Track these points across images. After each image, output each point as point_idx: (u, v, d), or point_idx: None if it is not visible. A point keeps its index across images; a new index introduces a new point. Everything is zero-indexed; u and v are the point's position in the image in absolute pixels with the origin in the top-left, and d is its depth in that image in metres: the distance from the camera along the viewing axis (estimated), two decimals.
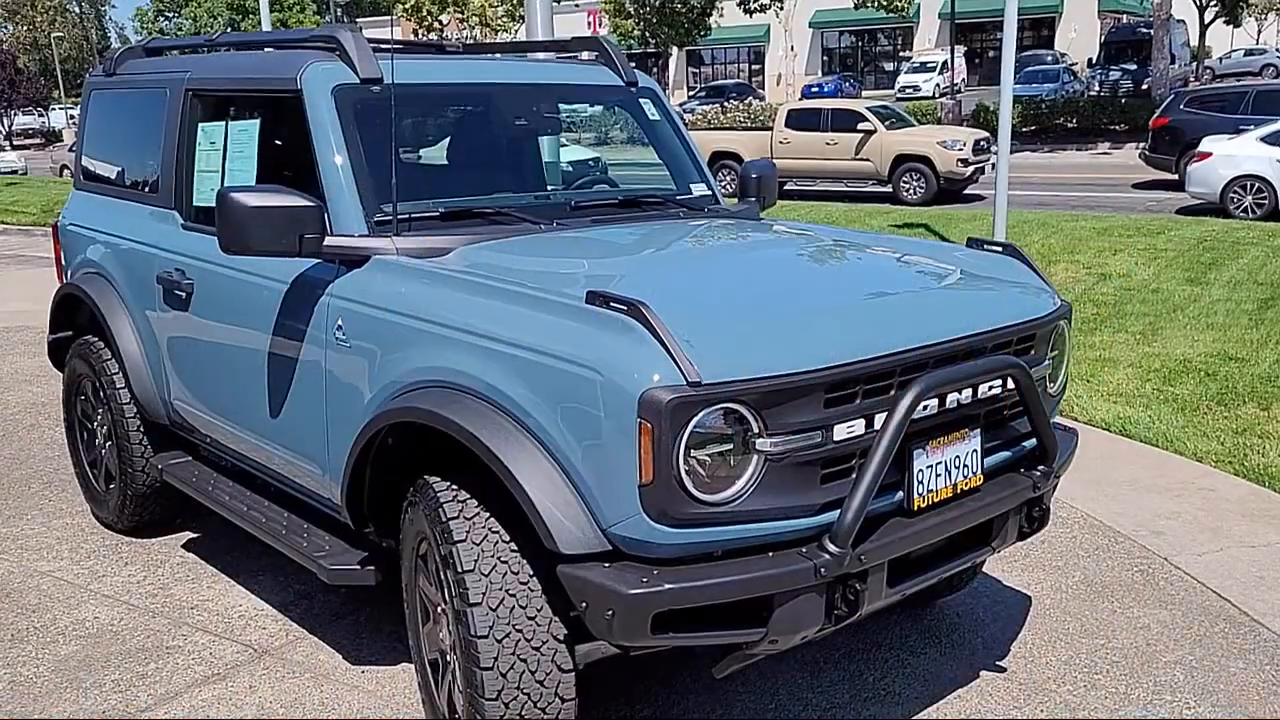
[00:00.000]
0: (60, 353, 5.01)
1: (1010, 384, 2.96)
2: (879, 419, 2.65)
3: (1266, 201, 15.06)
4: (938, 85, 38.70)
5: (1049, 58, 39.53)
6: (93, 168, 4.91)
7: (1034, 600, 4.05)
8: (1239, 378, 6.65)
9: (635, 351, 2.46)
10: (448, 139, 4.02)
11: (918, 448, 2.78)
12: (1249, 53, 42.65)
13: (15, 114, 57.28)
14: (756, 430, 2.50)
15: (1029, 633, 3.82)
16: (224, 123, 3.92)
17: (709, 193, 4.19)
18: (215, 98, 4.00)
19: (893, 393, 2.69)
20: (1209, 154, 15.68)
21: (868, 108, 19.92)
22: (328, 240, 3.24)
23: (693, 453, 2.45)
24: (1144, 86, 29.87)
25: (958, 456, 2.89)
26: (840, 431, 2.61)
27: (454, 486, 2.85)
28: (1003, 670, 3.59)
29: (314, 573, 3.42)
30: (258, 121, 3.78)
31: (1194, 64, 34.98)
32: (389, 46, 3.91)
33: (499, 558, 2.71)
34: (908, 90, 39.46)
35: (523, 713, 2.68)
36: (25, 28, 59.46)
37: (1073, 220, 13.46)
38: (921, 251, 3.60)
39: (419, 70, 3.73)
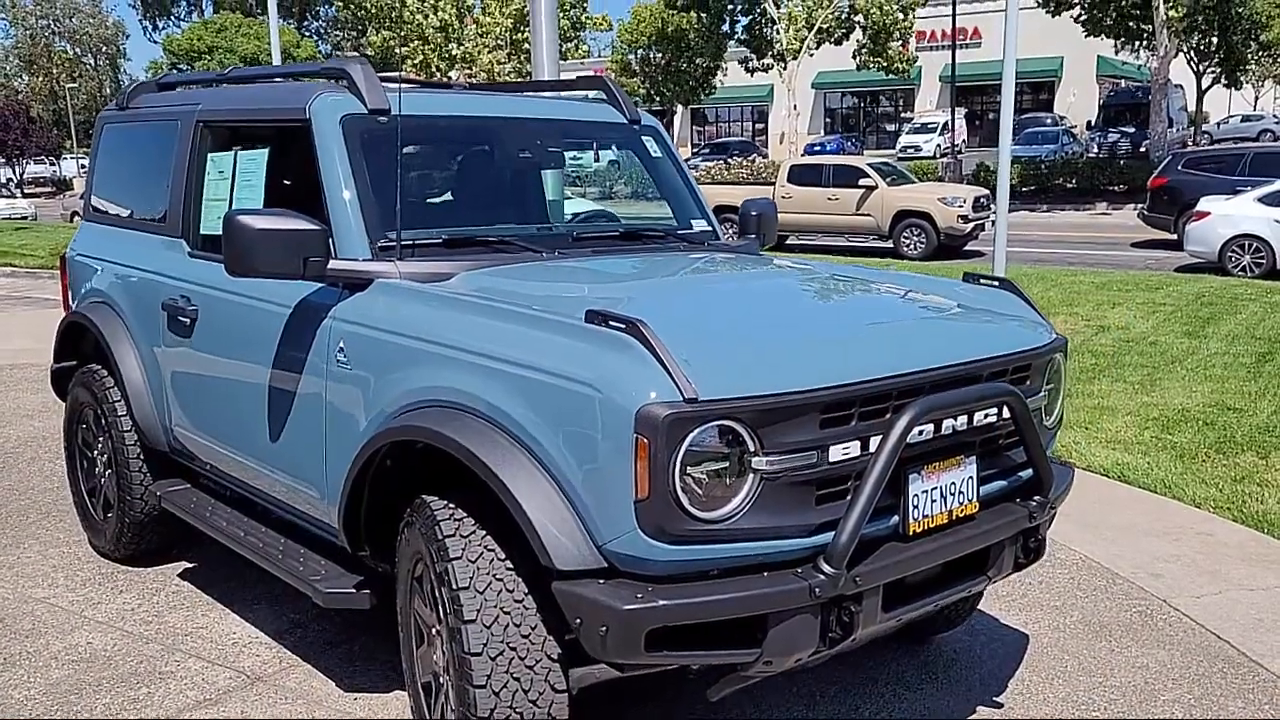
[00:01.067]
0: (63, 382, 5.04)
1: (1006, 413, 2.98)
2: (874, 442, 2.67)
3: (1265, 261, 15.17)
4: (938, 146, 39.10)
5: (1048, 120, 39.99)
6: (102, 199, 4.98)
7: (1031, 639, 4.04)
8: (1237, 427, 6.66)
9: (633, 369, 2.48)
10: (452, 170, 4.09)
11: (913, 472, 2.80)
12: (1246, 118, 43.09)
13: (27, 162, 57.83)
14: (752, 449, 2.52)
15: (1026, 670, 3.80)
16: (233, 152, 3.98)
17: (709, 229, 4.25)
18: (226, 128, 4.07)
19: (888, 416, 2.71)
20: (1207, 213, 15.82)
21: (869, 164, 20.15)
22: (331, 264, 3.29)
23: (689, 469, 2.47)
24: (1142, 149, 30.21)
25: (953, 483, 2.90)
26: (836, 453, 2.62)
27: (450, 505, 2.86)
28: (999, 706, 3.57)
29: (309, 600, 3.42)
30: (266, 151, 3.84)
31: (1191, 128, 35.35)
32: (397, 82, 3.98)
33: (494, 575, 2.71)
34: (909, 150, 39.84)
35: None
36: (41, 78, 60.30)
37: (1071, 275, 13.55)
38: (919, 285, 3.64)
39: (425, 103, 3.81)
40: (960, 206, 18.59)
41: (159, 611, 4.28)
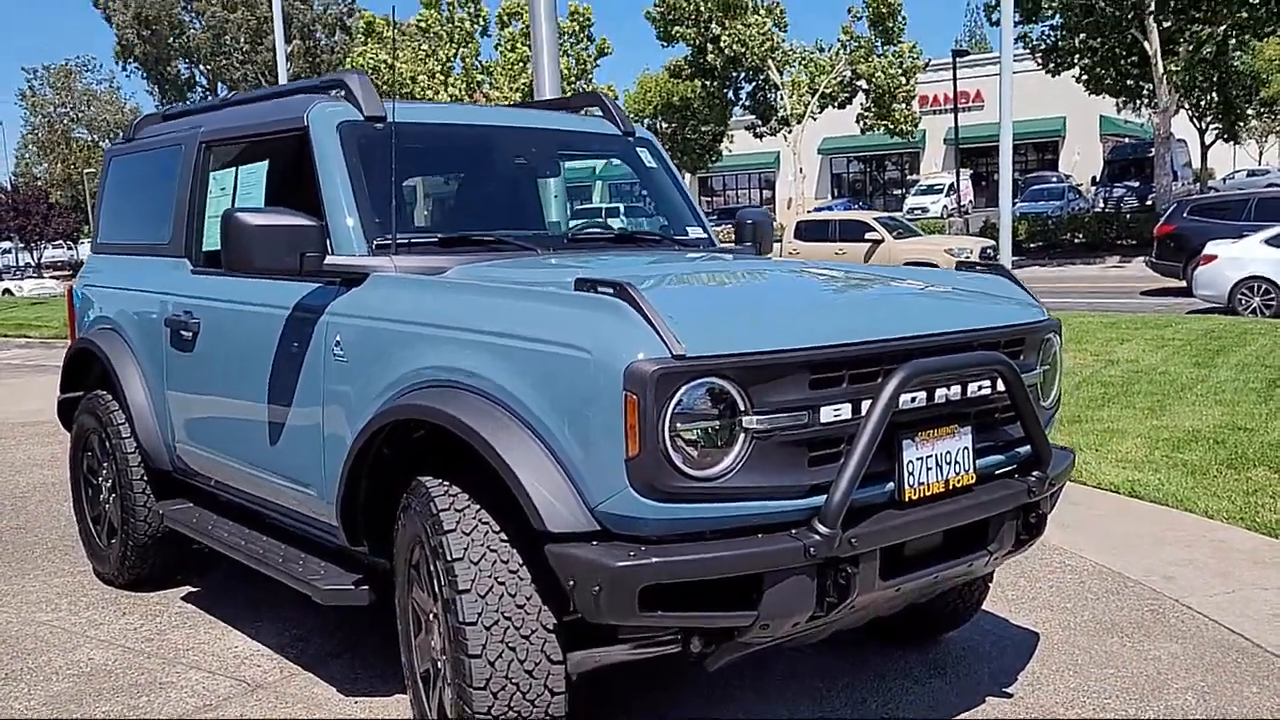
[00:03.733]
0: (69, 412, 5.08)
1: (999, 385, 2.97)
2: (866, 406, 2.67)
3: (1275, 302, 15.12)
4: (945, 207, 39.30)
5: (1054, 178, 40.24)
6: (109, 231, 5.06)
7: (1042, 636, 3.97)
8: (1249, 445, 6.60)
9: (621, 328, 2.51)
10: (449, 176, 4.15)
11: (907, 438, 2.79)
12: (1251, 173, 43.30)
13: (46, 246, 58.87)
14: (742, 407, 2.52)
15: (1037, 664, 3.74)
16: (234, 168, 4.06)
17: (705, 236, 4.29)
18: (228, 145, 4.15)
19: (879, 380, 2.71)
20: (1214, 257, 15.82)
21: (875, 218, 20.31)
22: (328, 259, 3.33)
23: (679, 426, 2.47)
24: (1148, 202, 30.34)
25: (948, 452, 2.89)
26: (827, 414, 2.62)
27: (445, 483, 2.86)
28: (1009, 696, 3.50)
29: (312, 617, 3.41)
30: (266, 163, 3.93)
31: (1197, 184, 35.53)
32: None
33: (489, 546, 2.71)
34: (916, 211, 39.96)
35: (511, 702, 2.63)
36: (60, 164, 61.48)
37: (1079, 316, 13.57)
38: (912, 274, 3.66)
39: (421, 111, 3.90)
40: (967, 257, 18.68)
41: (161, 629, 4.26)
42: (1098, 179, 35.46)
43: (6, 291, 36.49)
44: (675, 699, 3.48)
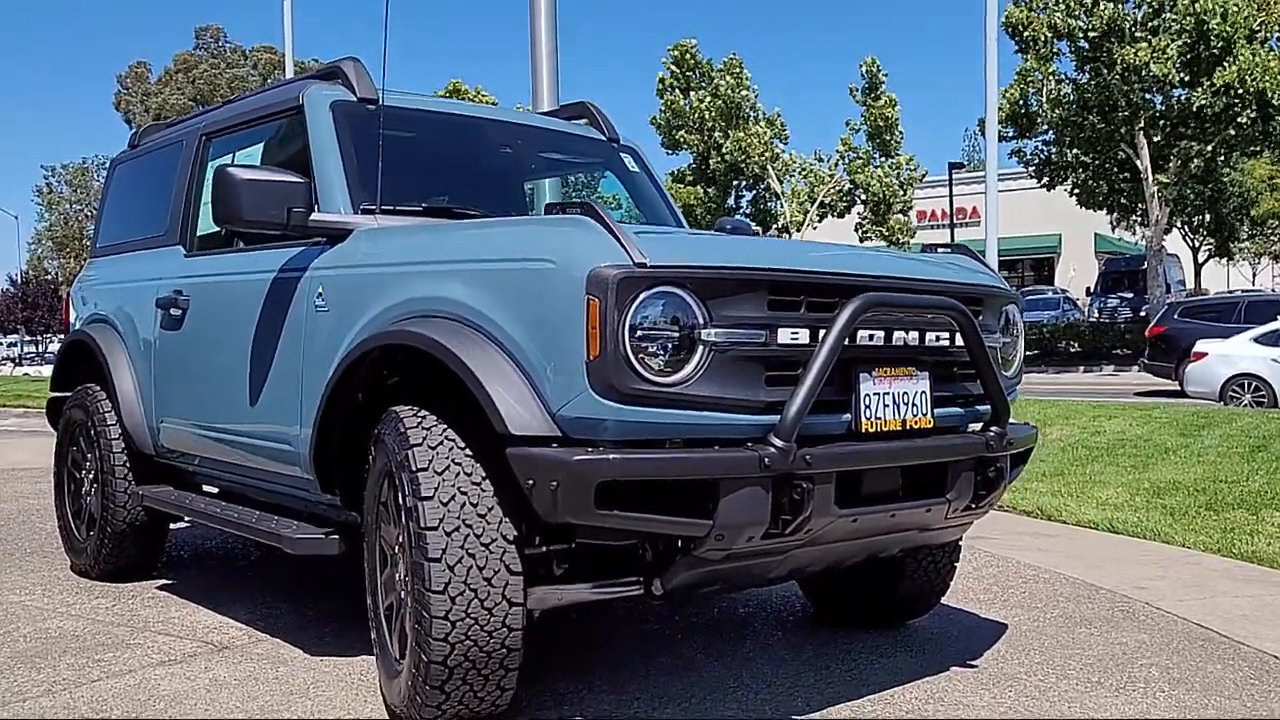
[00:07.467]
0: (58, 410, 5.15)
1: (958, 340, 3.06)
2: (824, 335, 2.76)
3: (1266, 399, 15.20)
4: None
5: (1049, 291, 40.75)
6: (109, 233, 5.21)
7: (1011, 627, 3.97)
8: (1229, 493, 6.63)
9: (586, 238, 2.63)
10: (436, 159, 4.29)
11: (864, 372, 2.88)
12: (1245, 293, 43.78)
13: (51, 338, 59.34)
14: (701, 320, 2.61)
15: (1003, 646, 3.74)
16: (231, 154, 4.22)
17: None
18: (226, 133, 4.32)
19: (836, 311, 2.80)
20: (1205, 354, 15.99)
21: None
22: (314, 215, 3.46)
23: (638, 332, 2.56)
24: (1142, 313, 30.67)
25: (905, 393, 2.97)
26: (784, 335, 2.72)
27: (416, 408, 2.93)
28: (973, 667, 3.50)
29: (283, 598, 3.40)
30: (261, 145, 4.09)
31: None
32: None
33: (453, 460, 2.76)
34: None
35: (469, 609, 2.66)
36: (73, 260, 62.36)
37: (1071, 402, 13.66)
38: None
39: (414, 100, 4.07)
40: None
41: (132, 608, 4.27)
42: (1092, 289, 35.89)
43: (26, 375, 37.59)
44: (638, 672, 3.48)
